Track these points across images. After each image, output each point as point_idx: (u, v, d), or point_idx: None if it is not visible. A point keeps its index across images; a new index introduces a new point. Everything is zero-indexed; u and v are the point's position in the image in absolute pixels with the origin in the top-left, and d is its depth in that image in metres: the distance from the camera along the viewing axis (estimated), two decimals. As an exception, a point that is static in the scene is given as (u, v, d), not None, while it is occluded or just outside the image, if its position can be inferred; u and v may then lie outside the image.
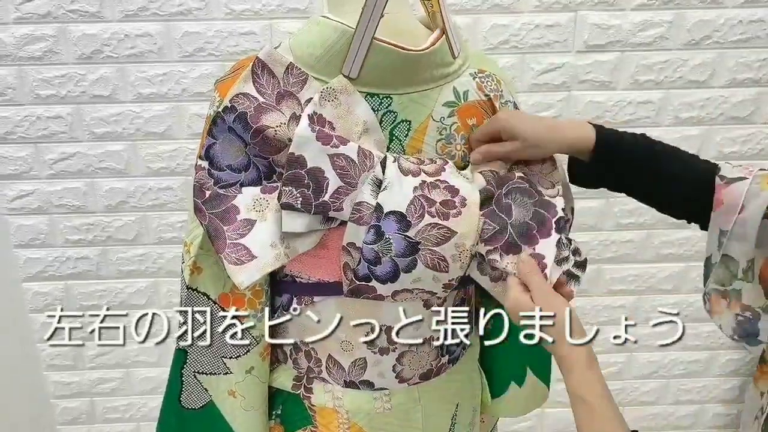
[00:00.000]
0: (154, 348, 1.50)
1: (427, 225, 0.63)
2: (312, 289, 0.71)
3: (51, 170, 1.34)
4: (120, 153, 1.34)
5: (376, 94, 0.66)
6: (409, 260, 0.64)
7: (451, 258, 0.64)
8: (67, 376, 1.52)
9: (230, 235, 0.63)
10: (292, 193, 0.62)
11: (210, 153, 0.66)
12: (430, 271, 0.64)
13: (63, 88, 1.28)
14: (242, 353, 0.73)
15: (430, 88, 0.68)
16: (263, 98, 0.65)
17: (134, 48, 1.26)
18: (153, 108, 1.31)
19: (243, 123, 0.64)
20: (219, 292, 0.71)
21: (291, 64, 0.65)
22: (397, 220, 0.63)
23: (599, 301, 1.54)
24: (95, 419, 1.56)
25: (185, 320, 0.71)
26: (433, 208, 0.64)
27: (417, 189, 0.64)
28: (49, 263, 1.41)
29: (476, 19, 1.30)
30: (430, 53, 0.66)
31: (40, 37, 1.24)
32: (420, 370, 0.76)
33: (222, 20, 1.25)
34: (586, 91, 1.35)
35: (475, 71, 0.72)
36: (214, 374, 0.74)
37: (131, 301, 1.45)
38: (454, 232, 0.64)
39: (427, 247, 0.64)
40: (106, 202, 1.37)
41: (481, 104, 0.71)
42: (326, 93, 0.64)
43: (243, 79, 0.65)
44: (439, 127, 0.69)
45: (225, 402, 0.75)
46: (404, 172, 0.64)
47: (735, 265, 0.68)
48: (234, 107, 0.64)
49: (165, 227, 1.40)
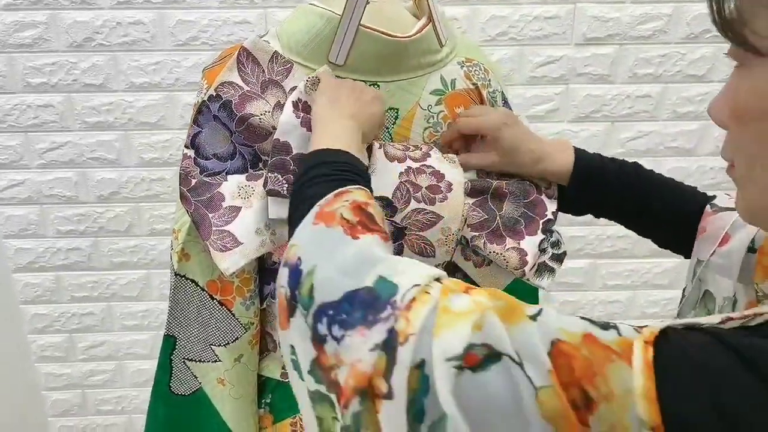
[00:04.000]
0: (147, 340, 1.49)
1: (413, 210, 0.63)
2: (298, 278, 0.70)
3: (42, 160, 1.33)
4: (112, 143, 1.33)
5: (363, 81, 0.66)
6: (396, 245, 0.63)
7: (437, 243, 0.64)
8: (58, 368, 1.51)
9: (215, 222, 0.63)
10: (277, 179, 0.62)
11: (196, 141, 0.66)
12: (416, 256, 0.64)
13: (54, 77, 1.27)
14: (231, 341, 0.73)
15: (417, 76, 0.67)
16: (248, 87, 0.65)
17: (127, 36, 1.25)
18: (146, 97, 1.29)
19: (228, 111, 0.64)
20: (207, 279, 0.71)
21: (276, 53, 0.66)
22: (384, 205, 0.62)
23: (595, 296, 1.53)
24: (87, 411, 1.56)
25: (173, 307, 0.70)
26: (419, 193, 0.63)
27: (403, 174, 0.63)
28: (39, 254, 1.40)
29: (474, 10, 1.28)
30: (417, 40, 0.66)
31: (30, 24, 1.23)
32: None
33: (216, 9, 1.24)
34: (584, 84, 1.33)
35: (463, 60, 0.72)
36: (202, 361, 0.73)
37: (123, 293, 1.45)
38: (441, 217, 0.63)
39: (413, 232, 0.63)
40: (97, 192, 1.36)
41: (469, 93, 0.71)
42: (311, 81, 0.64)
43: (228, 67, 0.65)
44: (426, 115, 0.68)
45: (214, 389, 0.74)
46: (390, 158, 0.64)
47: (712, 302, 0.59)
48: (219, 96, 0.65)
49: (157, 218, 1.39)
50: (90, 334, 1.48)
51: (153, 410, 0.78)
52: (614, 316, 1.56)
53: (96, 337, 1.48)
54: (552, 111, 1.36)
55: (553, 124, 1.37)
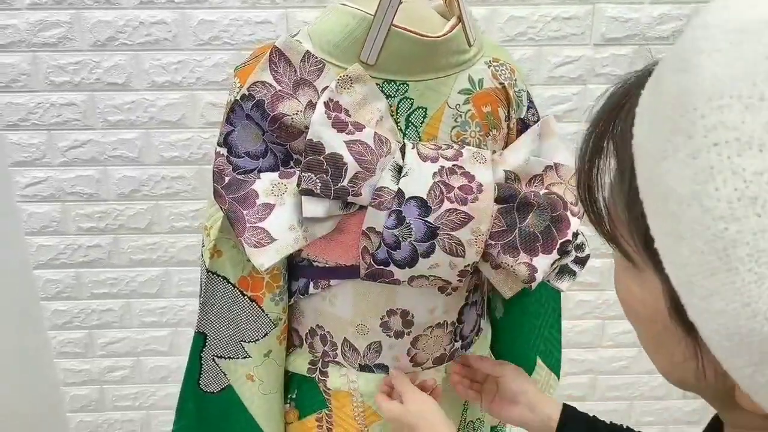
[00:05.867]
0: (165, 336, 1.50)
1: (446, 210, 0.63)
2: (329, 273, 0.71)
3: (64, 158, 1.35)
4: (133, 141, 1.34)
5: (393, 81, 0.66)
6: (428, 245, 0.64)
7: (467, 243, 0.65)
8: (77, 364, 1.52)
9: (250, 219, 0.64)
10: (311, 179, 0.63)
11: (228, 140, 0.67)
12: (447, 256, 0.64)
13: (77, 75, 1.28)
14: (260, 337, 0.74)
15: (446, 75, 0.68)
16: (280, 86, 0.65)
17: (149, 36, 1.26)
18: (167, 96, 1.31)
19: (260, 111, 0.65)
20: (238, 276, 0.72)
21: (308, 53, 0.66)
22: (418, 205, 0.63)
23: (609, 295, 1.53)
24: (105, 407, 1.57)
25: (205, 304, 0.71)
26: (452, 193, 0.64)
27: (436, 175, 0.64)
28: (60, 251, 1.42)
29: (493, 11, 1.29)
30: (447, 40, 0.66)
31: (54, 23, 1.24)
32: (434, 354, 0.76)
33: (238, 9, 1.25)
34: (602, 84, 1.34)
35: (490, 59, 0.72)
36: (232, 358, 0.74)
37: (142, 290, 1.46)
38: (471, 217, 0.64)
39: (446, 231, 0.64)
40: (118, 190, 1.37)
41: (496, 92, 0.71)
42: (342, 81, 0.65)
43: (260, 67, 0.66)
44: (454, 114, 0.69)
45: (243, 386, 0.75)
46: (423, 158, 0.64)
47: None
48: (252, 95, 0.65)
49: (177, 216, 1.40)
50: (109, 331, 1.49)
51: (182, 406, 0.79)
52: (628, 316, 1.56)
53: (115, 334, 1.50)
54: (569, 111, 1.36)
55: (571, 124, 1.37)
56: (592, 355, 1.58)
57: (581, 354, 1.58)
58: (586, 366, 1.59)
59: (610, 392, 1.62)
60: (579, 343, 1.56)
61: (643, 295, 0.35)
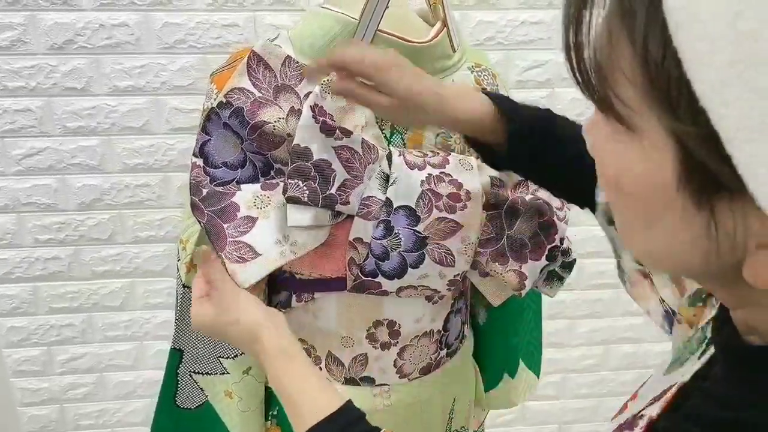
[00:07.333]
0: (130, 350, 1.45)
1: (435, 219, 0.62)
2: (312, 286, 0.69)
3: (19, 166, 1.28)
4: (94, 148, 1.28)
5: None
6: (417, 255, 0.63)
7: (456, 252, 0.64)
8: (35, 383, 1.45)
9: (231, 233, 0.61)
10: (298, 185, 0.60)
11: (204, 150, 0.64)
12: (437, 266, 0.63)
13: (32, 80, 1.22)
14: (239, 353, 0.71)
15: None
16: (260, 92, 0.63)
17: (110, 38, 1.21)
18: (129, 102, 1.26)
19: (239, 119, 0.63)
20: None
21: (288, 57, 0.64)
22: (407, 214, 0.62)
23: (579, 295, 1.55)
24: (66, 427, 1.50)
25: (181, 319, 0.68)
26: (441, 201, 0.63)
27: (424, 183, 0.63)
28: (16, 264, 1.35)
29: (463, 15, 1.29)
30: (432, 46, 0.66)
31: (7, 26, 1.18)
32: (420, 364, 0.75)
33: (204, 11, 1.21)
34: (569, 88, 1.36)
35: (473, 65, 0.72)
36: (210, 374, 0.72)
37: (105, 303, 1.40)
38: (460, 226, 0.63)
39: (435, 241, 0.63)
40: (78, 200, 1.31)
41: None
42: (327, 86, 0.63)
43: (238, 72, 0.63)
44: None
45: (221, 402, 0.73)
46: (411, 166, 0.63)
47: None
48: (229, 102, 0.63)
49: (142, 226, 1.35)
50: (70, 346, 1.43)
51: (158, 424, 0.76)
52: (596, 315, 1.59)
53: (76, 349, 1.43)
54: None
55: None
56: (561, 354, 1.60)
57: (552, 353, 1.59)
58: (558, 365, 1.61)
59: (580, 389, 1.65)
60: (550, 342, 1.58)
61: (639, 166, 0.29)
